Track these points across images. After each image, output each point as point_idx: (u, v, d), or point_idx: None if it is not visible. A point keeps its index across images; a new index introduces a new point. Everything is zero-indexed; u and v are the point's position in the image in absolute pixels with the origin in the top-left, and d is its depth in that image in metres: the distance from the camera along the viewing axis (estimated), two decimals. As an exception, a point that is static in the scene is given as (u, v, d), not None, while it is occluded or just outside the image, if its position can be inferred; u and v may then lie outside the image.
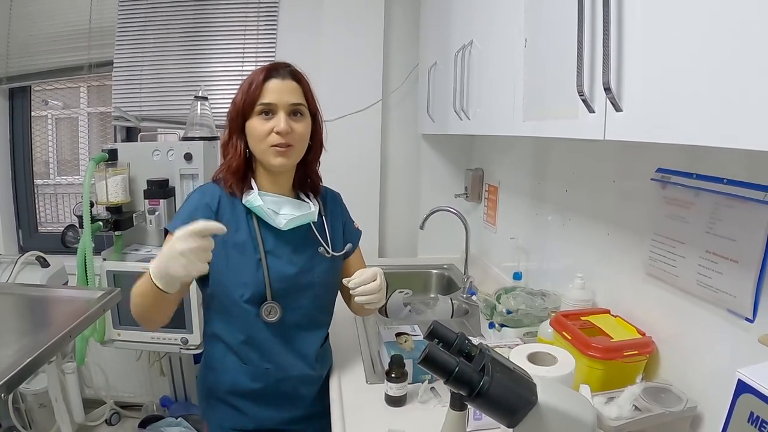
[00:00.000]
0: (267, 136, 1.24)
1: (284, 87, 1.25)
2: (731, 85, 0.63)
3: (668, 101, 0.74)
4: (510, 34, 1.34)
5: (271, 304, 1.27)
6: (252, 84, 1.24)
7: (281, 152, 1.25)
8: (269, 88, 1.24)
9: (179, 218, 1.23)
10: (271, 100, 1.23)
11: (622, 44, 0.84)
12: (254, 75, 1.26)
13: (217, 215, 1.26)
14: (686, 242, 1.11)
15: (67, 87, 3.05)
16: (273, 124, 1.23)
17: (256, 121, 1.25)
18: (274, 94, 1.24)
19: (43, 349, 1.34)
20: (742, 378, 0.63)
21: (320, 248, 1.36)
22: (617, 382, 1.12)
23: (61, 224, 2.48)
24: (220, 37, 2.75)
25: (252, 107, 1.24)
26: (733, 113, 0.63)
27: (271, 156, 1.25)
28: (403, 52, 2.74)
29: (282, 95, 1.24)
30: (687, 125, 0.71)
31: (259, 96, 1.23)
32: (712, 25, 0.66)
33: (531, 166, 1.99)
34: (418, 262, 2.72)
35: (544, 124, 1.18)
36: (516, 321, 1.52)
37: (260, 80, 1.24)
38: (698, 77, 0.68)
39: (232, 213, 1.29)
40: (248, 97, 1.24)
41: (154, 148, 2.23)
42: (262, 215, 1.28)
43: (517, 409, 0.72)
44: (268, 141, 1.24)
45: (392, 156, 2.85)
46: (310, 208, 1.35)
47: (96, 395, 2.90)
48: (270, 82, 1.24)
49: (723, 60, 0.64)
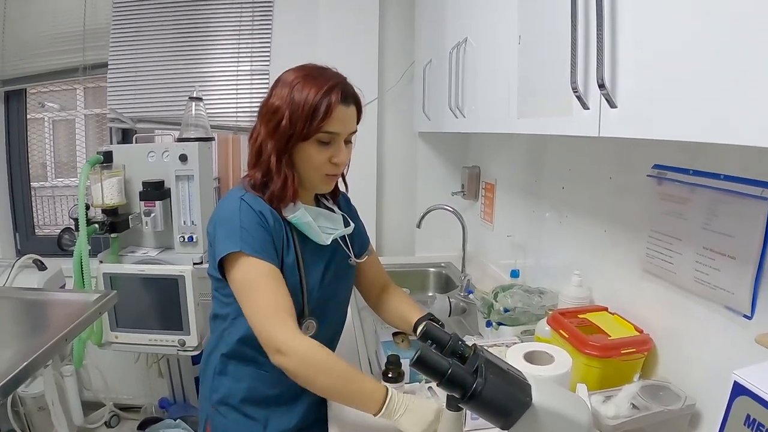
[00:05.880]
0: (323, 165, 1.16)
1: (350, 115, 1.16)
2: (727, 80, 0.62)
3: (663, 97, 0.74)
4: (504, 31, 1.33)
5: (309, 321, 1.24)
6: (320, 108, 1.10)
7: (332, 181, 1.21)
8: (339, 116, 1.13)
9: (251, 237, 1.12)
10: (338, 130, 1.14)
11: (616, 40, 0.83)
12: (322, 95, 1.11)
13: (273, 230, 1.16)
14: (683, 239, 1.10)
15: (63, 89, 3.04)
16: (330, 154, 1.15)
17: (314, 148, 1.14)
18: (341, 123, 1.14)
19: (39, 352, 1.33)
20: (739, 380, 0.62)
21: (350, 260, 1.33)
22: (615, 380, 1.11)
23: (58, 227, 2.47)
24: (214, 37, 2.74)
25: (316, 133, 1.12)
26: (728, 108, 0.62)
27: (322, 184, 1.21)
28: (398, 50, 2.73)
29: (347, 125, 1.16)
30: (682, 121, 0.71)
31: (327, 124, 1.12)
32: (706, 20, 0.65)
33: (527, 164, 1.98)
34: (416, 261, 2.71)
35: (538, 121, 1.18)
36: (513, 319, 1.52)
37: (332, 106, 1.11)
38: (693, 73, 0.68)
39: (280, 230, 1.19)
40: (316, 122, 1.11)
41: (149, 149, 2.22)
42: (307, 232, 1.22)
43: (511, 411, 0.71)
44: (323, 170, 1.17)
45: (388, 154, 2.84)
46: (339, 219, 1.32)
47: (95, 398, 2.89)
48: (339, 108, 1.12)
49: (718, 55, 0.63)
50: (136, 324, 2.15)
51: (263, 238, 1.13)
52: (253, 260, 1.11)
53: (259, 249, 1.11)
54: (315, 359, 1.04)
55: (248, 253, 1.10)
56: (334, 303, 1.32)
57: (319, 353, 1.05)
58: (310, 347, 1.05)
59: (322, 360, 1.05)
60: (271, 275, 1.11)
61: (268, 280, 1.11)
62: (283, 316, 1.07)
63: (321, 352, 1.05)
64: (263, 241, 1.12)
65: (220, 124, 2.74)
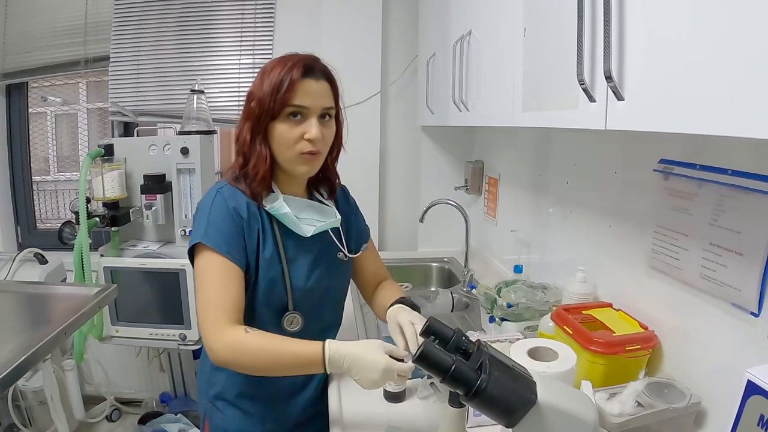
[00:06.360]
0: (296, 142, 1.14)
1: (319, 89, 1.14)
2: (736, 72, 0.61)
3: (671, 89, 0.72)
4: (509, 23, 1.31)
5: (293, 315, 1.22)
6: (283, 82, 1.10)
7: (309, 160, 1.17)
8: (303, 89, 1.12)
9: (215, 231, 1.13)
10: (305, 104, 1.12)
11: (624, 31, 0.82)
12: (284, 71, 1.11)
13: (248, 223, 1.17)
14: (690, 234, 1.09)
15: (66, 83, 3.03)
16: (303, 130, 1.13)
17: (285, 125, 1.13)
18: (309, 97, 1.13)
19: (38, 346, 1.32)
20: (753, 379, 0.60)
21: (339, 254, 1.31)
22: (619, 377, 1.10)
23: (61, 221, 2.46)
24: (216, 30, 2.72)
25: (282, 108, 1.12)
26: (737, 100, 0.61)
27: (299, 164, 1.17)
28: (401, 44, 2.71)
29: (316, 99, 1.14)
30: (691, 113, 0.69)
31: (291, 97, 1.11)
32: (715, 10, 0.63)
33: (531, 158, 1.96)
34: (418, 256, 2.70)
35: (543, 114, 1.16)
36: (517, 315, 1.51)
37: (294, 79, 1.11)
38: (703, 64, 0.66)
39: (259, 222, 1.19)
40: (279, 97, 1.11)
41: (151, 142, 2.21)
42: (287, 223, 1.20)
43: (515, 409, 0.70)
44: (297, 148, 1.14)
45: (391, 149, 2.83)
46: (332, 212, 1.29)
47: (96, 392, 2.90)
48: (304, 82, 1.12)
49: (727, 46, 0.62)
50: (137, 318, 2.14)
51: (229, 232, 1.14)
52: (212, 254, 1.12)
53: (221, 243, 1.12)
54: (243, 347, 1.05)
55: (209, 247, 1.11)
56: (325, 298, 1.30)
57: (247, 340, 1.06)
58: (236, 336, 1.06)
59: (251, 345, 1.06)
60: (223, 271, 1.12)
61: (219, 277, 1.12)
62: (219, 313, 1.09)
63: (248, 338, 1.06)
64: (228, 235, 1.13)
65: (222, 117, 2.72)
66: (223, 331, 1.07)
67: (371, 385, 1.02)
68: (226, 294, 1.11)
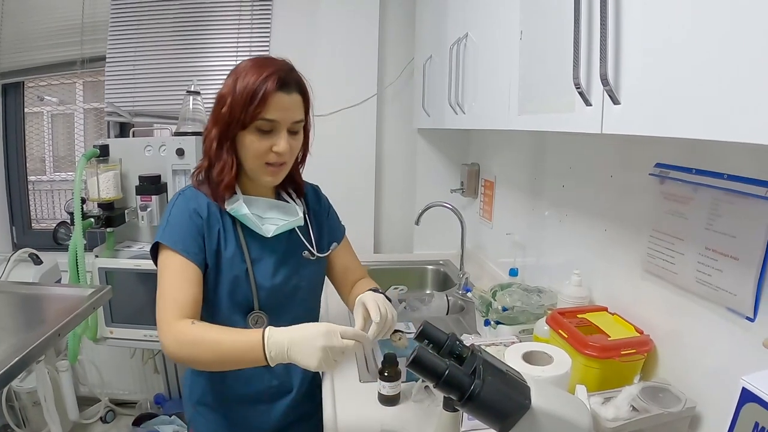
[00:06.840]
0: (264, 154, 1.14)
1: (290, 103, 1.13)
2: (733, 76, 0.60)
3: (668, 93, 0.72)
4: (505, 26, 1.31)
5: (257, 314, 1.23)
6: (257, 94, 1.09)
7: (275, 172, 1.18)
8: (275, 103, 1.10)
9: (173, 230, 1.15)
10: (276, 118, 1.12)
11: (620, 35, 0.81)
12: (259, 81, 1.09)
13: (207, 223, 1.18)
14: (685, 239, 1.08)
15: (62, 83, 3.02)
16: (271, 143, 1.13)
17: (254, 136, 1.13)
18: (281, 111, 1.12)
19: (32, 347, 1.32)
20: (747, 386, 0.60)
21: (305, 252, 1.30)
22: (614, 381, 1.10)
23: (57, 221, 2.46)
24: (213, 31, 2.71)
25: (253, 121, 1.11)
26: (734, 105, 0.60)
27: (265, 174, 1.18)
28: (398, 46, 2.71)
29: (287, 113, 1.13)
30: (687, 118, 0.69)
31: (263, 111, 1.10)
32: (713, 14, 0.63)
33: (527, 161, 1.96)
34: (414, 258, 2.70)
35: (539, 117, 1.16)
36: (512, 318, 1.50)
37: (268, 92, 1.09)
38: (699, 68, 0.66)
39: (220, 222, 1.21)
40: (251, 109, 1.10)
41: (146, 143, 2.20)
42: (247, 223, 1.21)
43: (509, 414, 0.69)
44: (263, 159, 1.15)
45: (387, 151, 2.83)
46: (295, 211, 1.29)
47: (91, 393, 2.88)
48: (277, 96, 1.10)
49: (724, 50, 0.61)
50: (132, 319, 2.13)
51: (187, 233, 1.16)
52: (169, 253, 1.14)
53: (178, 242, 1.14)
54: (186, 337, 1.05)
55: (167, 246, 1.14)
56: (294, 297, 1.30)
57: (190, 330, 1.06)
58: (180, 328, 1.06)
59: (193, 336, 1.05)
60: (179, 269, 1.14)
61: (174, 274, 1.13)
62: (171, 308, 1.09)
63: (192, 329, 1.06)
64: (186, 235, 1.15)
65: (218, 118, 2.71)
66: (171, 324, 1.07)
67: (316, 363, 0.95)
68: (179, 290, 1.12)
